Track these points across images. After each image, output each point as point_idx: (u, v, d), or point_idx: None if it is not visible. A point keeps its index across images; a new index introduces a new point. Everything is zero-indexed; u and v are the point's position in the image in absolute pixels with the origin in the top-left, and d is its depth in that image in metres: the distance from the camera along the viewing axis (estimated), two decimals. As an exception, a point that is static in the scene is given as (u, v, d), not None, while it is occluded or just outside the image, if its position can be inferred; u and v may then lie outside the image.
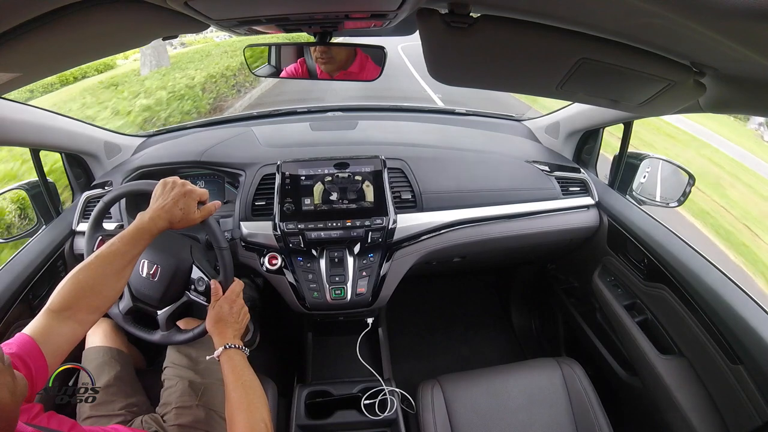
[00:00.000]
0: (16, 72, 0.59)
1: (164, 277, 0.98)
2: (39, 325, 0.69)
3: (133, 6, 0.48)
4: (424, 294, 1.91)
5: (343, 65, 0.88)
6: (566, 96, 0.70)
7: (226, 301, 0.91)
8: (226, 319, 0.90)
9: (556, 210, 1.31)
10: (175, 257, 0.99)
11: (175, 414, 0.93)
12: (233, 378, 0.80)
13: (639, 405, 1.18)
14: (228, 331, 0.89)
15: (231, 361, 0.84)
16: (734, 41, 0.38)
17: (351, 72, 0.89)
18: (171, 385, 0.99)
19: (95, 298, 0.75)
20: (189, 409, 0.93)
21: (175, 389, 0.97)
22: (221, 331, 0.89)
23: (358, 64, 0.88)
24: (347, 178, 1.15)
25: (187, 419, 0.92)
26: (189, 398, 0.94)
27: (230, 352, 0.85)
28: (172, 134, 1.59)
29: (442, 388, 1.08)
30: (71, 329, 0.71)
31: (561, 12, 0.48)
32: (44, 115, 1.16)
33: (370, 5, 0.60)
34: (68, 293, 0.73)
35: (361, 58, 0.87)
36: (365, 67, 0.88)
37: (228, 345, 0.86)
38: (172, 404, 0.95)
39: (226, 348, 0.85)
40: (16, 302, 1.02)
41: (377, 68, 0.88)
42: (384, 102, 1.85)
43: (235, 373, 0.81)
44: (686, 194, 1.19)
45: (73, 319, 0.72)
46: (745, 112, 0.68)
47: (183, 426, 0.91)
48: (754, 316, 0.86)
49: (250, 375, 0.83)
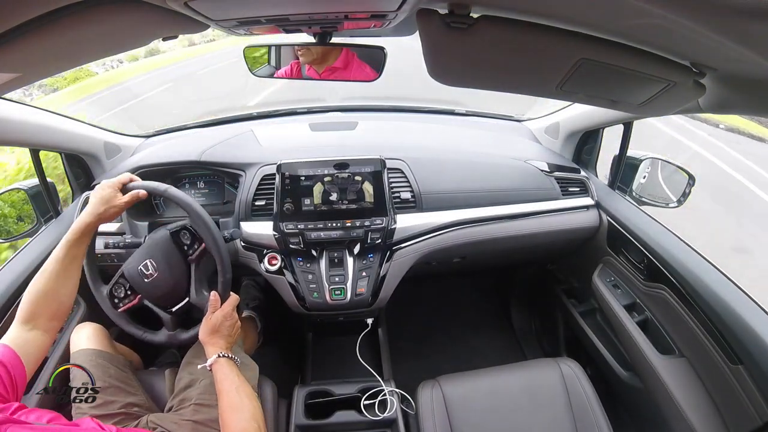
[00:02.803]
0: (16, 72, 0.59)
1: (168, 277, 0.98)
2: (13, 336, 0.75)
3: (133, 6, 0.48)
4: (424, 294, 1.91)
5: (323, 59, 0.89)
6: (566, 96, 0.70)
7: (222, 313, 0.95)
8: (220, 330, 0.94)
9: (556, 210, 1.31)
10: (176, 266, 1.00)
11: (193, 410, 0.94)
12: (226, 384, 0.84)
13: (639, 405, 1.18)
14: (221, 342, 0.93)
15: (223, 369, 0.87)
16: (734, 41, 0.38)
17: (336, 68, 0.89)
18: (192, 381, 1.00)
19: (52, 304, 0.81)
20: (207, 408, 0.94)
21: (198, 387, 0.98)
22: (215, 341, 0.93)
23: (342, 60, 0.88)
24: (347, 178, 1.15)
25: (204, 417, 0.93)
26: (209, 397, 0.95)
27: (222, 361, 0.89)
28: (172, 134, 1.59)
29: (441, 389, 1.07)
30: (39, 338, 0.77)
31: (561, 12, 0.48)
32: (44, 115, 1.16)
33: (369, 6, 0.60)
34: (28, 303, 0.79)
35: (346, 54, 0.87)
36: (351, 63, 0.88)
37: (221, 354, 0.90)
38: (192, 400, 0.95)
39: (219, 357, 0.89)
40: (16, 302, 1.02)
41: (365, 65, 0.88)
42: (384, 102, 1.85)
43: (228, 380, 0.85)
44: (686, 195, 1.19)
45: (38, 328, 0.78)
46: (745, 112, 0.69)
47: (198, 423, 0.91)
48: (754, 316, 0.86)
49: (242, 382, 0.86)
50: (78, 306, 1.24)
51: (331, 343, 1.53)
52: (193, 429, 0.90)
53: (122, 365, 1.04)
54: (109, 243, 1.12)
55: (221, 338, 0.93)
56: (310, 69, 0.92)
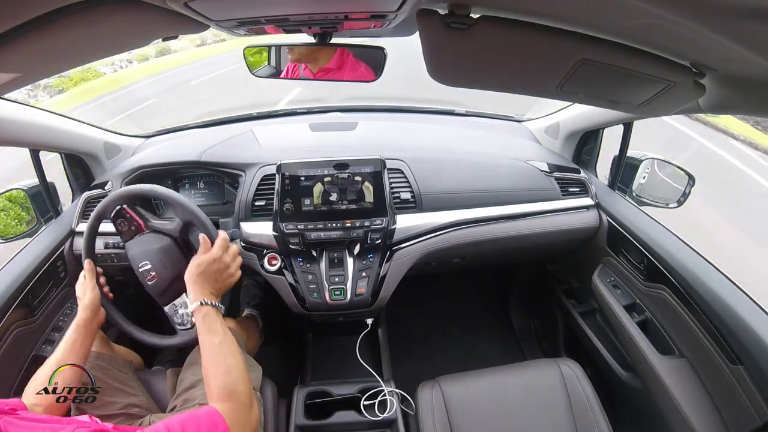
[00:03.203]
0: (16, 72, 0.59)
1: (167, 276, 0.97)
2: None
3: (133, 6, 0.48)
4: (423, 295, 1.91)
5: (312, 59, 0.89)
6: (566, 97, 0.70)
7: (211, 256, 0.90)
8: (207, 272, 0.88)
9: (556, 210, 1.31)
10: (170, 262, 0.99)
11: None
12: (209, 338, 0.79)
13: (639, 406, 1.18)
14: (207, 286, 0.87)
15: (206, 318, 0.82)
16: (734, 41, 0.38)
17: (329, 69, 0.88)
18: (196, 381, 0.99)
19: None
20: None
21: (203, 387, 0.97)
22: (201, 283, 0.87)
23: (336, 60, 0.87)
24: (347, 178, 1.15)
25: None
26: None
27: (205, 310, 0.83)
28: (172, 134, 1.59)
29: (441, 389, 1.07)
30: None
31: (561, 12, 0.48)
32: (44, 115, 1.16)
33: (369, 6, 0.60)
34: None
35: (340, 54, 0.86)
36: (345, 64, 0.87)
37: (204, 301, 0.84)
38: (196, 400, 0.95)
39: (201, 304, 0.83)
40: (16, 302, 1.02)
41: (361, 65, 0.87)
42: (384, 102, 1.85)
43: (211, 332, 0.80)
44: (686, 195, 1.19)
45: None
46: (745, 112, 0.69)
47: None
48: (754, 317, 0.86)
49: (226, 334, 0.81)
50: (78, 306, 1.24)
51: (331, 343, 1.53)
52: None
53: (121, 366, 1.04)
54: (109, 243, 1.12)
55: (206, 282, 0.87)
56: (306, 69, 0.91)
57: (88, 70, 8.01)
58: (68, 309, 1.23)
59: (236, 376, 0.75)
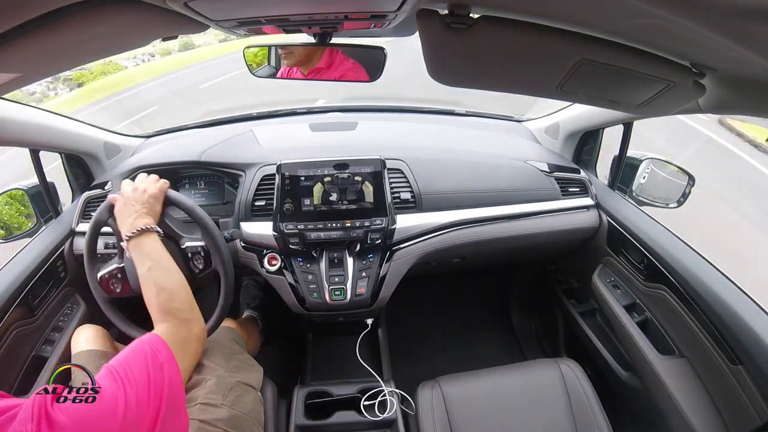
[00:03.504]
0: (16, 72, 0.59)
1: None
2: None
3: (133, 6, 0.48)
4: (423, 295, 1.91)
5: (306, 61, 0.89)
6: (566, 97, 0.70)
7: (122, 190, 0.86)
8: (125, 205, 0.84)
9: (556, 210, 1.31)
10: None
11: (200, 409, 0.92)
12: (140, 268, 0.76)
13: (638, 406, 1.18)
14: (127, 216, 0.82)
15: (135, 249, 0.78)
16: (734, 41, 0.38)
17: (320, 68, 0.89)
18: (198, 381, 0.98)
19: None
20: (215, 407, 0.93)
21: (204, 386, 0.96)
22: (122, 219, 0.83)
23: (326, 60, 0.87)
24: (347, 178, 1.15)
25: (210, 416, 0.92)
26: (215, 396, 0.93)
27: (133, 242, 0.79)
28: (172, 134, 1.59)
29: (441, 389, 1.07)
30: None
31: (561, 12, 0.48)
32: (44, 115, 1.16)
33: (369, 6, 0.60)
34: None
35: (329, 54, 0.87)
36: (334, 62, 0.88)
37: (128, 235, 0.80)
38: (198, 399, 0.94)
39: (131, 237, 0.79)
40: (16, 302, 1.02)
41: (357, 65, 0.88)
42: (384, 102, 1.85)
43: (141, 261, 0.77)
44: (686, 195, 1.19)
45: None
46: (744, 112, 0.68)
47: (204, 422, 0.91)
48: (754, 317, 0.86)
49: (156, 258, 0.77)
50: (78, 306, 1.24)
51: (331, 343, 1.53)
52: (199, 428, 0.89)
53: None
54: (108, 243, 1.12)
55: (126, 212, 0.83)
56: (298, 70, 0.92)
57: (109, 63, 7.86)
58: (68, 309, 1.23)
59: (169, 294, 0.74)
